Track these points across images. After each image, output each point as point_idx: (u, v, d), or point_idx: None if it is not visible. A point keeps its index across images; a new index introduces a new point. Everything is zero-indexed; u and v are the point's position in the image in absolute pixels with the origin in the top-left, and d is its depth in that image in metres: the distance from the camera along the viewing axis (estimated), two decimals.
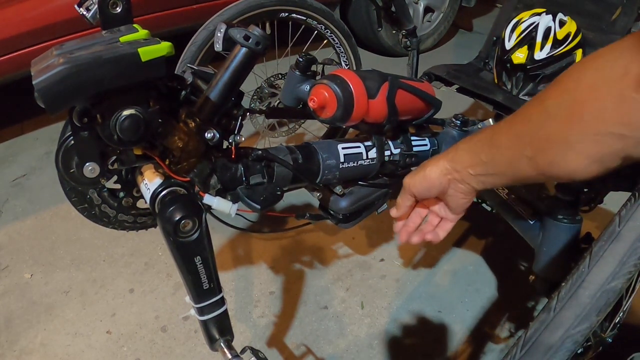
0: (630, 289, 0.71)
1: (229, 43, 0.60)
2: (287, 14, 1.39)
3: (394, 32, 2.55)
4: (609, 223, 0.52)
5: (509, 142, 0.55)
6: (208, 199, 0.61)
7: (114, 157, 0.58)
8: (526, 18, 1.43)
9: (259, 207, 0.66)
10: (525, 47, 1.40)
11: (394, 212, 0.71)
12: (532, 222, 1.05)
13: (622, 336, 0.80)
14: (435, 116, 0.99)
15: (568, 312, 0.48)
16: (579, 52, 1.41)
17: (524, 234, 1.09)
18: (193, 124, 0.60)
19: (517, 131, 0.55)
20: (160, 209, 0.58)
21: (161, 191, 0.60)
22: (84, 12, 0.59)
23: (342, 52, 1.56)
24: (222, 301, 0.64)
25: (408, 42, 1.49)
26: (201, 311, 0.63)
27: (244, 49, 0.58)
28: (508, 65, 1.43)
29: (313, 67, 1.00)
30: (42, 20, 1.66)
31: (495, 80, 1.51)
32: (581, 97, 0.49)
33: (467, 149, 0.61)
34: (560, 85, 0.51)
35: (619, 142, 0.47)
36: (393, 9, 1.49)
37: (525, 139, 0.53)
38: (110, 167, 0.58)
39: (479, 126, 1.29)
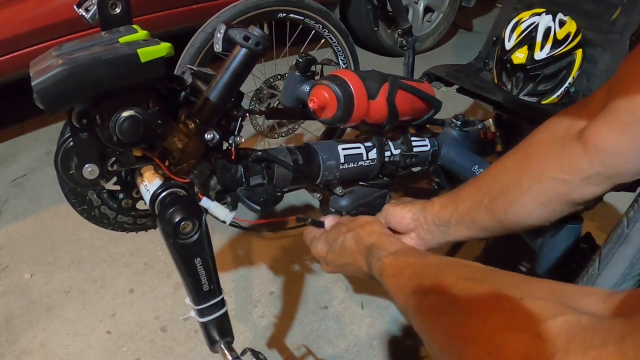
0: None
1: (229, 44, 0.60)
2: (285, 14, 1.39)
3: (389, 31, 2.56)
4: (616, 225, 0.52)
5: (470, 194, 0.64)
6: (205, 203, 0.61)
7: (114, 159, 0.58)
8: (526, 18, 1.43)
9: (259, 208, 0.66)
10: (525, 47, 1.40)
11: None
12: None
13: None
14: (435, 116, 0.99)
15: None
16: (579, 52, 1.41)
17: (524, 235, 1.08)
18: (193, 125, 0.60)
19: (478, 184, 0.63)
20: (160, 210, 0.58)
21: (161, 192, 0.60)
22: (83, 13, 0.59)
23: (340, 52, 1.56)
24: (222, 303, 0.64)
25: (404, 42, 1.49)
26: (201, 313, 0.62)
27: (243, 50, 0.58)
28: (508, 65, 1.43)
29: (312, 68, 1.00)
30: (42, 20, 1.66)
31: (495, 81, 1.51)
32: (531, 151, 0.58)
33: (438, 202, 0.68)
34: (517, 146, 0.61)
35: (561, 186, 0.53)
36: (389, 8, 1.48)
37: (484, 189, 0.62)
38: (109, 168, 0.58)
39: (479, 126, 1.29)
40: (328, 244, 0.70)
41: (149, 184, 0.61)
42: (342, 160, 0.82)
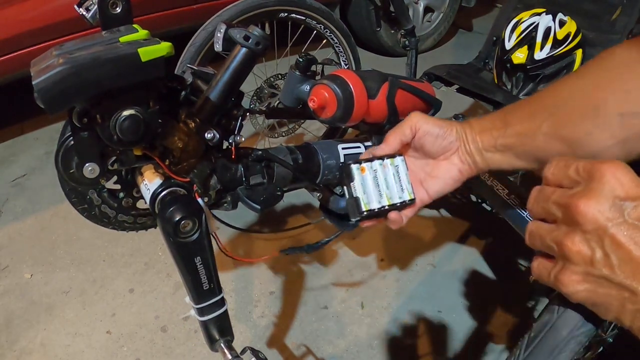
0: None
1: (229, 43, 0.60)
2: (286, 14, 1.39)
3: (392, 31, 2.56)
4: None
5: (522, 117, 0.52)
6: (202, 202, 0.61)
7: (114, 158, 0.58)
8: (526, 18, 1.43)
9: (259, 207, 0.66)
10: (525, 47, 1.40)
11: (383, 148, 0.58)
12: None
13: (623, 336, 0.81)
14: (435, 116, 0.99)
15: (572, 313, 0.48)
16: (579, 52, 1.41)
17: (524, 234, 1.08)
18: (193, 124, 0.60)
19: (532, 108, 0.52)
20: (160, 209, 0.58)
21: (161, 191, 0.60)
22: (84, 13, 0.59)
23: (341, 52, 1.56)
24: (222, 302, 0.64)
25: (407, 42, 1.49)
26: (201, 312, 0.62)
27: (243, 49, 0.58)
28: (508, 65, 1.43)
29: (312, 67, 1.00)
30: (42, 20, 1.66)
31: (495, 81, 1.51)
32: (611, 74, 0.46)
33: (478, 124, 0.57)
34: (589, 64, 0.50)
35: None
36: (391, 8, 1.48)
37: (542, 114, 0.51)
38: (110, 167, 0.58)
39: None
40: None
41: (149, 183, 0.61)
42: (342, 160, 0.82)
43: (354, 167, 0.55)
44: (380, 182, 0.56)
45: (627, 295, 0.33)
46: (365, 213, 0.55)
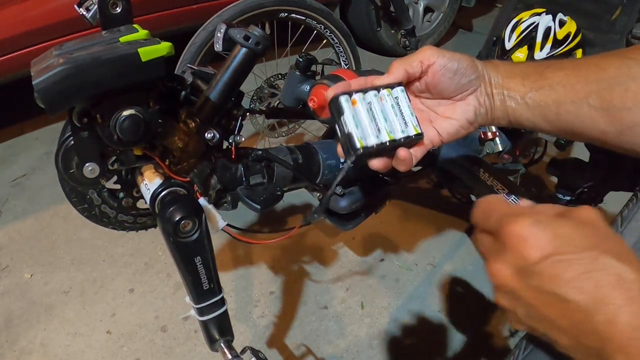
0: None
1: (229, 43, 0.60)
2: (286, 14, 1.40)
3: (392, 31, 2.56)
4: (610, 224, 0.52)
5: (566, 79, 0.46)
6: (202, 203, 0.61)
7: (114, 158, 0.58)
8: (526, 18, 1.43)
9: (259, 207, 0.66)
10: (525, 47, 1.40)
11: (385, 79, 0.50)
12: None
13: None
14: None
15: None
16: (579, 52, 1.41)
17: None
18: (193, 124, 0.60)
19: (581, 71, 0.46)
20: (160, 209, 0.58)
21: (161, 191, 0.60)
22: (84, 12, 0.59)
23: (341, 52, 1.56)
24: (222, 301, 0.64)
25: (407, 42, 1.49)
26: (201, 312, 0.63)
27: (243, 49, 0.58)
28: None
29: (313, 67, 1.00)
30: (42, 20, 1.66)
31: None
32: None
33: (507, 65, 0.50)
34: (629, 53, 0.45)
35: None
36: (392, 8, 1.49)
37: (593, 83, 0.45)
38: (110, 167, 0.58)
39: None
40: (542, 252, 0.33)
41: (149, 182, 0.61)
42: (342, 160, 0.82)
43: (342, 98, 0.47)
44: (377, 115, 0.48)
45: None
46: (360, 150, 0.46)
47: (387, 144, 0.47)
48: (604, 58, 0.47)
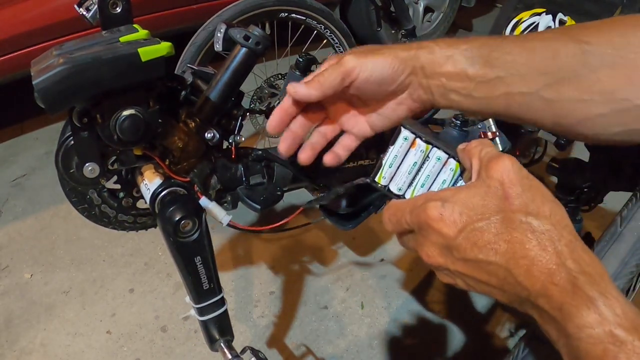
0: (631, 288, 0.71)
1: (229, 43, 0.60)
2: (286, 14, 1.40)
3: (393, 32, 2.56)
4: (610, 223, 0.52)
5: (517, 69, 0.43)
6: (204, 202, 0.61)
7: (114, 158, 0.58)
8: (526, 18, 1.43)
9: (258, 207, 0.66)
10: None
11: (300, 89, 0.45)
12: None
13: None
14: (435, 116, 0.99)
15: None
16: None
17: None
18: (193, 124, 0.60)
19: (532, 55, 0.43)
20: (160, 209, 0.58)
21: (161, 191, 0.60)
22: (84, 12, 0.59)
23: (341, 52, 1.56)
24: (222, 301, 0.64)
25: (407, 42, 1.49)
26: (201, 311, 0.63)
27: (243, 49, 0.58)
28: None
29: (313, 67, 1.00)
30: (42, 20, 1.66)
31: None
32: (636, 60, 0.40)
33: (451, 50, 0.45)
34: (604, 34, 0.42)
35: None
36: (392, 8, 1.49)
37: (544, 72, 0.42)
38: (110, 167, 0.58)
39: (479, 126, 1.29)
40: (456, 226, 0.35)
41: (149, 182, 0.61)
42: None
43: (406, 133, 0.42)
44: (421, 174, 0.43)
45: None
46: (374, 183, 0.44)
47: (400, 196, 0.45)
48: (558, 40, 0.43)
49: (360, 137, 0.50)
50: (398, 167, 0.44)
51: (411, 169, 0.44)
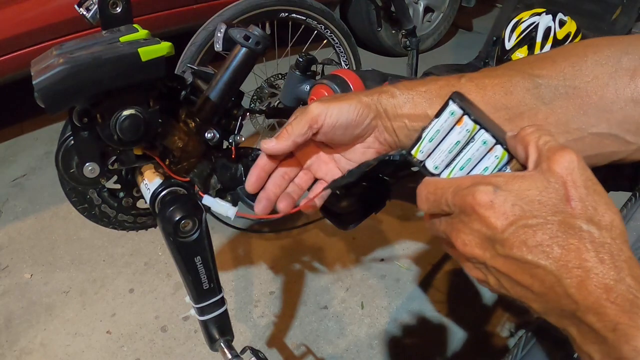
0: None
1: (229, 43, 0.60)
2: (287, 14, 1.40)
3: (393, 32, 2.56)
4: None
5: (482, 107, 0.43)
6: (207, 200, 0.61)
7: (114, 157, 0.58)
8: (526, 18, 1.43)
9: None
10: (525, 47, 1.40)
11: (271, 144, 0.47)
12: None
13: None
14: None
15: None
16: None
17: None
18: (193, 124, 0.60)
19: (493, 101, 0.44)
20: (160, 209, 0.58)
21: (161, 191, 0.60)
22: (84, 12, 0.59)
23: (341, 52, 1.56)
24: (222, 301, 0.64)
25: (407, 42, 1.49)
26: (201, 311, 0.63)
27: (243, 49, 0.58)
28: None
29: (313, 67, 1.00)
30: (42, 20, 1.66)
31: None
32: (587, 88, 0.41)
33: (410, 93, 0.46)
34: (556, 65, 0.43)
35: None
36: (392, 8, 1.49)
37: (502, 113, 0.43)
38: (110, 167, 0.58)
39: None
40: (506, 218, 0.32)
41: (150, 182, 0.61)
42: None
43: (453, 107, 0.39)
44: (463, 155, 0.39)
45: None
46: (409, 156, 0.41)
47: (433, 173, 0.41)
48: (508, 78, 0.44)
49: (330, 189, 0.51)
50: (439, 144, 0.40)
51: (452, 148, 0.39)
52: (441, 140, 0.40)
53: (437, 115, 0.39)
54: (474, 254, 0.34)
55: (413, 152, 0.41)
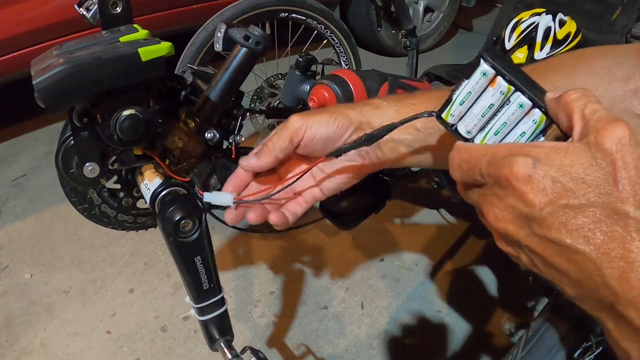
0: None
1: (229, 43, 0.60)
2: (287, 14, 1.40)
3: (393, 32, 2.56)
4: None
5: None
6: (207, 196, 0.62)
7: (114, 157, 0.58)
8: (526, 18, 1.43)
9: None
10: (525, 47, 1.40)
11: (251, 161, 0.46)
12: None
13: None
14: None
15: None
16: None
17: None
18: (193, 124, 0.60)
19: None
20: (160, 209, 0.58)
21: (161, 191, 0.60)
22: (84, 12, 0.59)
23: (341, 52, 1.56)
24: (222, 301, 0.64)
25: (408, 42, 1.49)
26: (201, 311, 0.63)
27: (243, 49, 0.58)
28: None
29: (313, 67, 1.00)
30: (42, 20, 1.66)
31: None
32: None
33: (395, 108, 0.44)
34: (549, 77, 0.42)
35: None
36: (393, 8, 1.49)
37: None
38: (110, 167, 0.58)
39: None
40: (546, 196, 0.30)
41: (149, 182, 0.61)
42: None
43: (485, 67, 0.35)
44: (498, 118, 0.36)
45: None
46: (440, 119, 0.38)
47: (466, 138, 0.38)
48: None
49: (311, 201, 0.49)
50: (470, 107, 0.37)
51: (486, 111, 0.36)
52: (473, 103, 0.36)
53: (468, 75, 0.36)
54: (507, 230, 0.32)
55: (443, 115, 0.37)
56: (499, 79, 0.35)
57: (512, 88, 0.35)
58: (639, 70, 0.39)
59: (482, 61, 0.35)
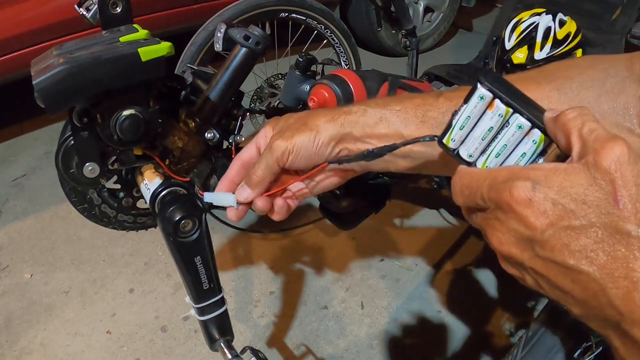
0: None
1: (229, 43, 0.60)
2: (287, 14, 1.40)
3: (393, 32, 2.56)
4: None
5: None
6: (207, 196, 0.62)
7: (114, 157, 0.58)
8: (526, 18, 1.43)
9: None
10: (525, 47, 1.40)
11: (248, 194, 0.48)
12: None
13: None
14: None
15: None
16: (578, 52, 1.41)
17: None
18: (193, 124, 0.60)
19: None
20: (160, 209, 0.58)
21: (161, 191, 0.60)
22: (84, 12, 0.59)
23: (341, 52, 1.56)
24: (222, 301, 0.64)
25: (407, 42, 1.49)
26: (201, 311, 0.63)
27: (243, 49, 0.58)
28: (508, 65, 1.43)
29: (313, 67, 1.00)
30: (42, 20, 1.66)
31: None
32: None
33: (380, 115, 0.44)
34: (542, 88, 0.42)
35: None
36: (393, 8, 1.49)
37: None
38: (110, 167, 0.58)
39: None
40: (546, 218, 0.30)
41: (149, 182, 0.61)
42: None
43: (482, 91, 0.35)
44: (498, 141, 0.36)
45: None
46: (441, 144, 0.38)
47: (466, 161, 0.38)
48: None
49: (302, 198, 0.50)
50: (470, 131, 0.37)
51: (486, 134, 0.36)
52: (473, 127, 0.37)
53: (466, 100, 0.36)
54: (511, 253, 0.32)
55: (445, 140, 0.38)
56: (497, 101, 0.35)
57: (511, 110, 0.35)
58: (629, 83, 0.38)
59: (478, 85, 0.35)
